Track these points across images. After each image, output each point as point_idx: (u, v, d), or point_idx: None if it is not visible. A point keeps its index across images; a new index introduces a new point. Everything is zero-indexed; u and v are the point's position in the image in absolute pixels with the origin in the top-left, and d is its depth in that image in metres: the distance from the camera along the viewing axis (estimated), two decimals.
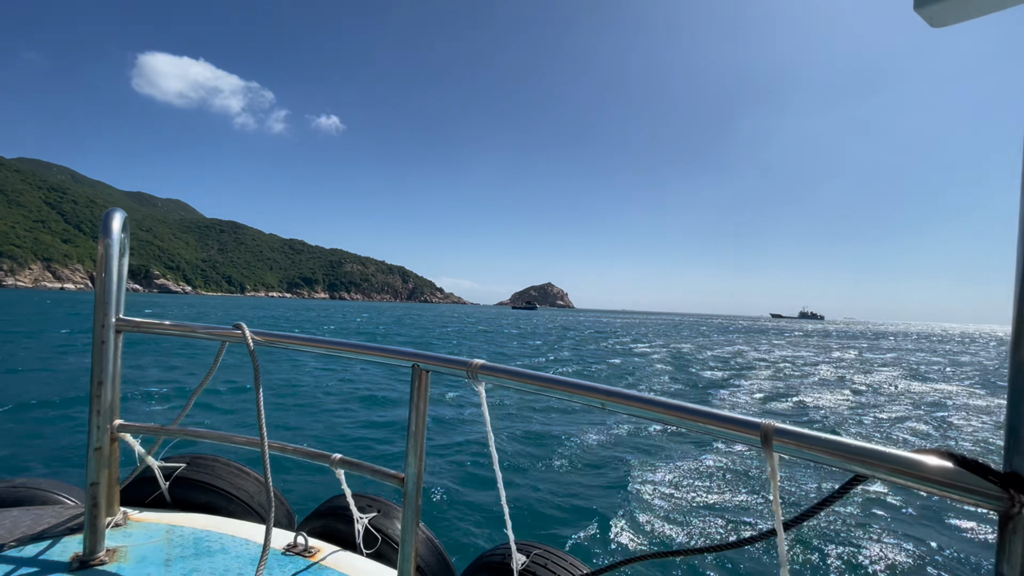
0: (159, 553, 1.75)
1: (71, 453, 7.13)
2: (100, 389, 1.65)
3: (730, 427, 0.96)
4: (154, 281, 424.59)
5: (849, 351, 39.13)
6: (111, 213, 1.71)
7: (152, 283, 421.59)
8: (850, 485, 0.87)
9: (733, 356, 30.00)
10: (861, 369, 25.35)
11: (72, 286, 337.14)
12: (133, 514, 2.00)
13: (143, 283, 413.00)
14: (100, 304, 1.66)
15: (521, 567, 1.82)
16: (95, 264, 1.61)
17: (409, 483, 1.49)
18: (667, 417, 1.07)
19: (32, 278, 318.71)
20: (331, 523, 2.19)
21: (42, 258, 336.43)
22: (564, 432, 9.52)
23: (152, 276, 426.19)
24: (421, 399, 1.49)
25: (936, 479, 0.72)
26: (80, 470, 2.71)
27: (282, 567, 1.74)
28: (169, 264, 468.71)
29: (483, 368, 1.36)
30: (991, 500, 0.68)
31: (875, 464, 0.78)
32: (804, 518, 0.92)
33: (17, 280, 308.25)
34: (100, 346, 1.65)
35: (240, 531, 1.97)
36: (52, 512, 1.98)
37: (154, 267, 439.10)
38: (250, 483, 2.33)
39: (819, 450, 0.84)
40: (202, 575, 1.64)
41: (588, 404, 1.20)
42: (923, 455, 0.74)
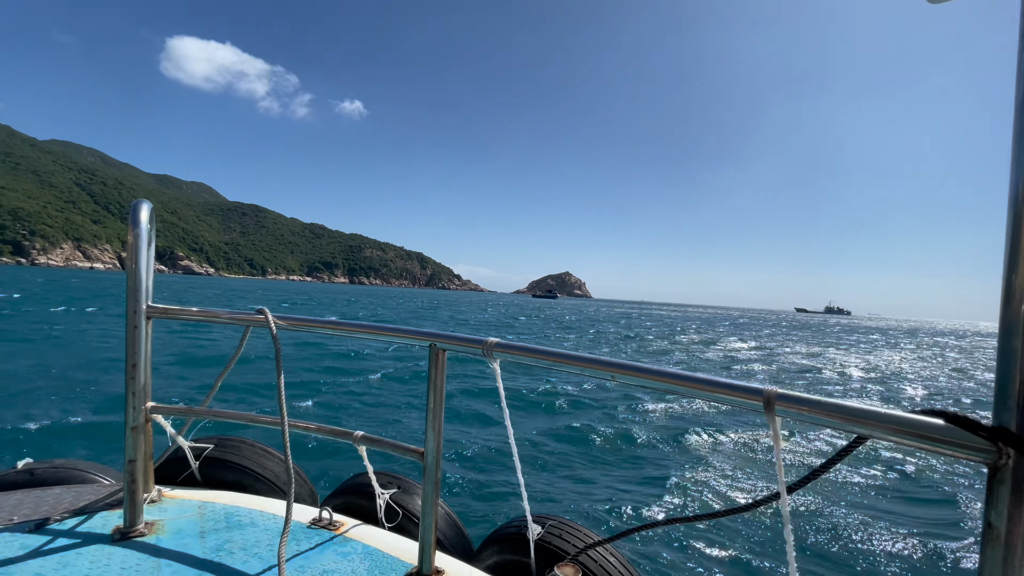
0: (194, 527, 1.85)
1: (102, 434, 7.21)
2: (134, 371, 1.76)
3: (734, 393, 0.99)
4: (178, 262, 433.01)
5: None
6: (139, 204, 1.78)
7: (177, 264, 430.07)
8: (852, 446, 0.90)
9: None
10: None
11: (101, 266, 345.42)
12: (167, 491, 2.12)
13: (168, 264, 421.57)
14: (131, 292, 1.76)
15: (537, 537, 1.87)
16: (124, 246, 1.58)
17: (428, 457, 1.55)
18: (674, 387, 1.10)
19: (63, 257, 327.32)
20: (353, 499, 2.28)
21: (73, 238, 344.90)
22: (577, 411, 9.75)
23: (177, 257, 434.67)
24: (439, 377, 1.54)
25: (931, 436, 0.76)
26: (110, 453, 2.82)
27: (308, 539, 1.83)
28: (193, 246, 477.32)
29: (497, 346, 1.41)
30: (980, 453, 0.72)
31: (875, 424, 0.81)
32: (807, 480, 0.95)
33: (49, 259, 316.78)
34: (133, 331, 1.75)
35: (268, 507, 2.07)
36: (91, 490, 2.11)
37: (178, 248, 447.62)
38: (275, 463, 2.43)
39: (821, 413, 0.87)
40: (235, 546, 1.75)
41: (598, 377, 1.24)
42: (919, 415, 0.78)
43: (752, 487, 6.30)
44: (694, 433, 8.55)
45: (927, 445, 0.77)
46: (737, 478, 6.56)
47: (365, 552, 1.76)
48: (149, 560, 1.63)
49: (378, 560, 1.72)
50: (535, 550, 1.86)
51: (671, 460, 7.23)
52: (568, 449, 7.53)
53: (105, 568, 1.57)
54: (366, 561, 1.70)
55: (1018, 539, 0.68)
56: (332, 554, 1.74)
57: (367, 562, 1.70)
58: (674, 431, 8.71)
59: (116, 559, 1.62)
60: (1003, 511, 0.70)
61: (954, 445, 0.74)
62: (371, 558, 1.73)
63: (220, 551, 1.71)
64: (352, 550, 1.77)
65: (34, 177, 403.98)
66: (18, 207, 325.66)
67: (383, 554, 1.76)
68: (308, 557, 1.70)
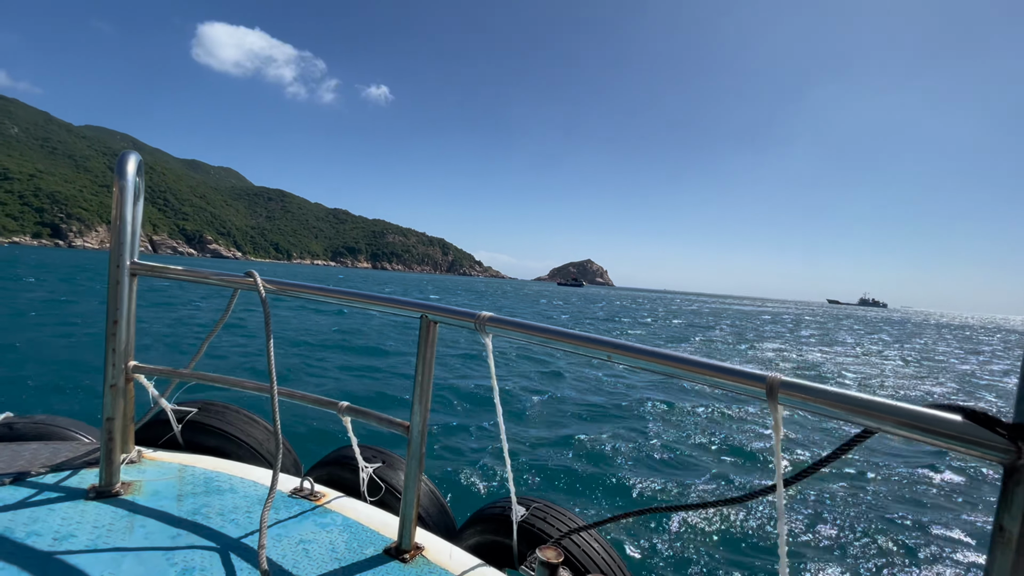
0: (172, 489, 1.82)
1: (89, 394, 7.35)
2: (115, 327, 1.72)
3: (736, 379, 0.95)
4: (207, 246, 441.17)
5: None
6: (126, 155, 1.73)
7: (205, 248, 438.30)
8: (857, 439, 0.84)
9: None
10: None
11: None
12: (147, 453, 2.08)
13: (197, 247, 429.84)
14: (115, 246, 1.72)
15: (520, 519, 1.86)
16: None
17: (414, 431, 1.52)
18: (673, 370, 1.05)
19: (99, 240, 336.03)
20: (336, 471, 2.25)
21: (107, 221, 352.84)
22: (568, 392, 9.74)
23: (205, 241, 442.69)
24: (428, 350, 1.51)
25: (944, 432, 0.72)
26: (95, 411, 2.53)
27: (288, 508, 1.80)
28: (221, 230, 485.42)
29: (491, 320, 1.38)
30: (997, 452, 0.68)
31: (884, 417, 0.77)
32: (806, 473, 0.91)
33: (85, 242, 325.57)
34: (115, 286, 1.72)
35: (249, 474, 2.04)
36: (69, 447, 2.07)
37: (207, 232, 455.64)
38: (259, 430, 2.40)
39: (825, 403, 0.83)
40: (212, 511, 1.71)
41: (594, 356, 1.19)
42: (932, 409, 0.74)
43: (748, 480, 6.21)
44: (692, 417, 8.42)
45: (940, 442, 0.73)
46: (733, 468, 6.47)
47: (345, 524, 1.74)
48: (123, 519, 1.61)
49: (357, 533, 1.69)
50: (518, 532, 1.84)
51: (666, 443, 7.15)
52: (559, 432, 7.35)
53: (77, 525, 1.55)
54: (345, 533, 1.68)
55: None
56: (311, 524, 1.71)
57: (346, 534, 1.68)
58: (671, 413, 8.61)
59: (89, 516, 1.60)
60: (1018, 514, 0.66)
61: (970, 443, 0.70)
62: (350, 530, 1.71)
63: (197, 514, 1.68)
64: (332, 521, 1.75)
65: (70, 161, 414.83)
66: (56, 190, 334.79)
67: (363, 527, 1.73)
68: (286, 526, 1.68)
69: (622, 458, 6.46)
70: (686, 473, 6.17)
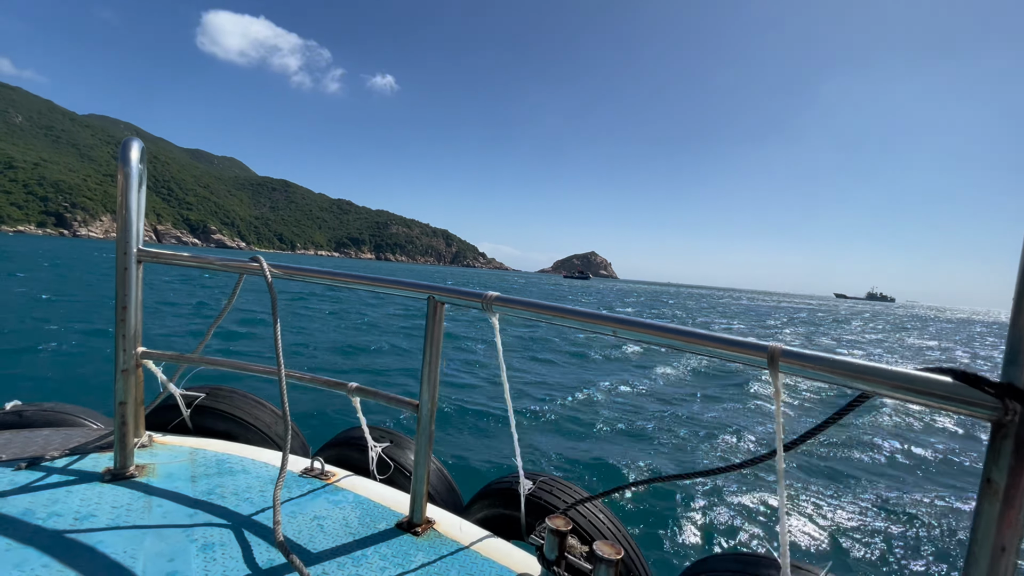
0: (185, 471, 1.87)
1: (95, 381, 7.45)
2: (125, 314, 1.75)
3: (738, 350, 0.98)
4: (211, 236, 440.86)
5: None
6: (129, 142, 1.72)
7: (210, 238, 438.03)
8: (854, 404, 0.88)
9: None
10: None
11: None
12: (157, 437, 2.14)
13: (201, 237, 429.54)
14: (121, 234, 1.73)
15: (528, 493, 1.90)
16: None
17: (423, 409, 1.56)
18: (677, 342, 1.08)
19: (103, 229, 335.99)
20: (345, 451, 2.30)
21: (111, 211, 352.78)
22: (573, 371, 9.95)
23: (210, 231, 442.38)
24: (436, 330, 1.53)
25: (936, 393, 0.76)
26: (102, 398, 2.65)
27: (300, 486, 1.85)
28: (225, 220, 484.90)
29: (497, 300, 1.40)
30: (986, 410, 0.72)
31: (878, 381, 0.81)
32: (806, 437, 0.95)
33: (90, 231, 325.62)
34: (123, 273, 1.74)
35: (259, 456, 2.08)
36: (80, 432, 2.11)
37: (211, 222, 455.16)
38: (267, 413, 2.44)
39: (825, 369, 0.86)
40: (226, 491, 1.76)
41: (599, 333, 1.22)
42: (924, 371, 0.78)
43: (748, 448, 6.36)
44: (695, 392, 8.67)
45: (932, 402, 0.77)
46: (735, 437, 6.66)
47: (356, 501, 1.78)
48: (140, 500, 1.64)
49: (369, 509, 1.73)
50: (525, 505, 1.89)
51: (669, 418, 7.26)
52: (565, 407, 7.48)
53: (96, 506, 1.58)
54: (357, 509, 1.72)
55: (1017, 494, 0.69)
56: (324, 502, 1.75)
57: (358, 510, 1.71)
58: (674, 391, 8.77)
59: (107, 498, 1.63)
60: (1004, 467, 0.70)
61: (959, 402, 0.74)
62: (362, 507, 1.74)
63: (212, 494, 1.72)
64: (343, 499, 1.78)
65: (74, 151, 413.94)
66: (60, 179, 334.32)
67: (374, 504, 1.77)
68: (299, 503, 1.72)
69: (625, 431, 6.57)
70: (689, 444, 6.31)
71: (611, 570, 1.15)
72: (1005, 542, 0.70)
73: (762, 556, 1.58)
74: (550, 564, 1.28)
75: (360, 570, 1.39)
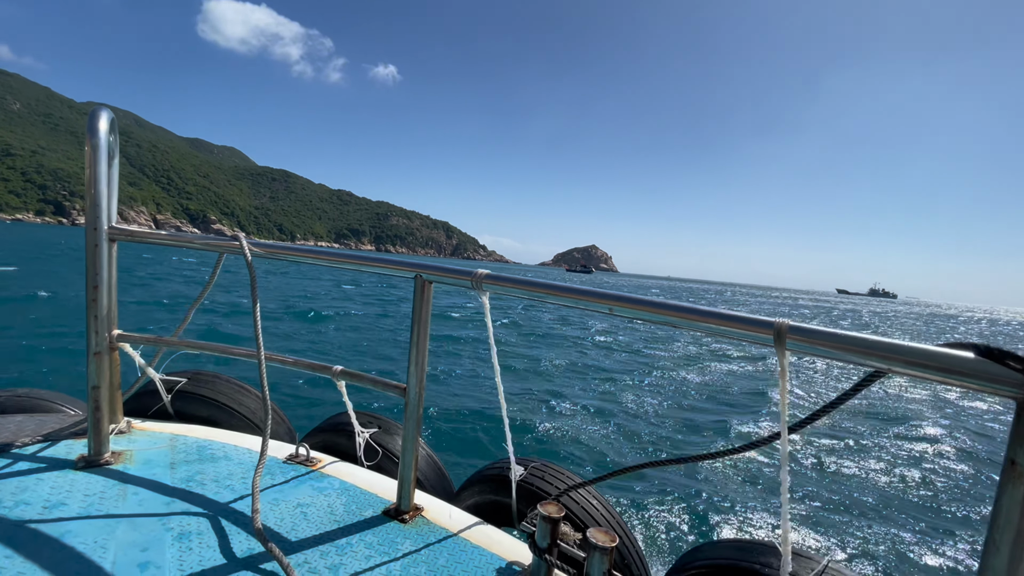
0: (164, 457, 1.81)
1: (73, 366, 7.28)
2: (96, 293, 1.66)
3: (743, 327, 0.92)
4: (211, 226, 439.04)
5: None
6: (97, 112, 1.63)
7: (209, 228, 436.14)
8: (866, 382, 0.83)
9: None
10: None
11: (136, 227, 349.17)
12: (137, 423, 2.06)
13: (201, 227, 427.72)
14: (90, 208, 1.63)
15: (519, 478, 1.86)
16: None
17: (411, 393, 1.52)
18: (678, 320, 1.01)
19: None
20: (332, 437, 2.25)
21: None
22: (564, 354, 9.81)
23: (209, 221, 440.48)
24: (424, 310, 1.49)
25: (958, 370, 0.71)
26: (81, 384, 2.45)
27: (284, 473, 1.80)
28: (224, 210, 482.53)
29: (487, 278, 1.36)
30: (1011, 388, 0.67)
31: (895, 358, 0.76)
32: (813, 418, 0.89)
33: None
34: (93, 250, 1.64)
35: (242, 441, 2.02)
36: (54, 419, 2.04)
37: (211, 212, 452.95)
38: (251, 399, 2.39)
39: (835, 346, 0.81)
40: (207, 477, 1.70)
41: (596, 310, 1.17)
42: (944, 347, 0.73)
43: (750, 430, 6.20)
44: (693, 375, 8.54)
45: (953, 379, 0.72)
46: (737, 421, 6.53)
47: (342, 487, 1.74)
48: (114, 487, 1.59)
49: (355, 496, 1.69)
50: (517, 492, 1.85)
51: (665, 402, 7.11)
52: (556, 388, 7.35)
53: (67, 494, 1.53)
54: (343, 496, 1.68)
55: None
56: (308, 488, 1.71)
57: (344, 497, 1.68)
58: (673, 371, 8.75)
59: (79, 486, 1.58)
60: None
61: (983, 379, 0.69)
62: (348, 494, 1.71)
63: (191, 481, 1.67)
64: (329, 485, 1.75)
65: (72, 138, 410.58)
66: (58, 167, 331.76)
67: (361, 490, 1.74)
68: (283, 490, 1.68)
69: (621, 414, 6.39)
70: (687, 427, 6.15)
71: (605, 557, 1.11)
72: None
73: (762, 542, 1.53)
74: (542, 552, 1.24)
75: (344, 558, 1.36)
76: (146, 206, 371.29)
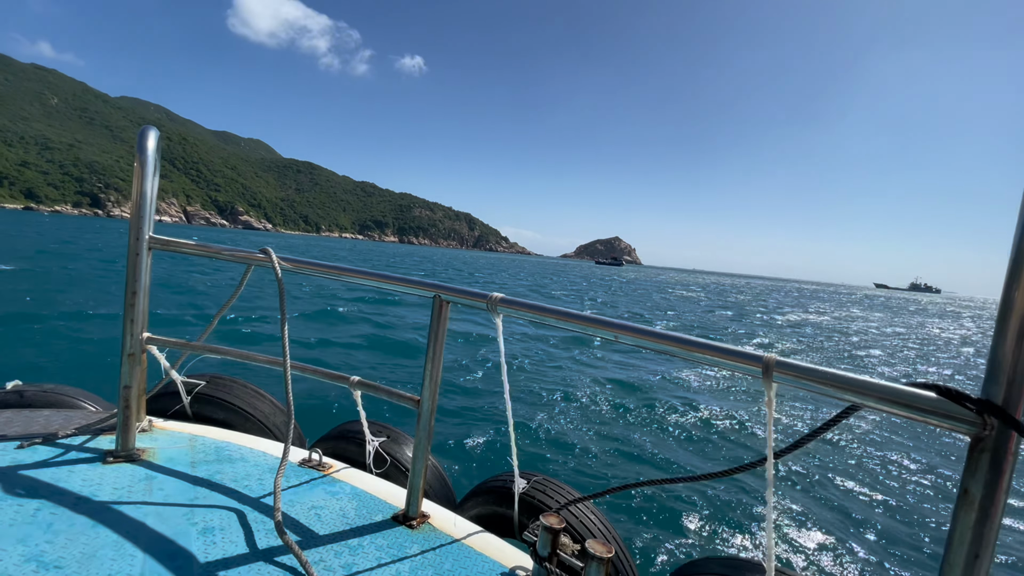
0: (185, 456, 1.90)
1: (96, 363, 7.49)
2: (134, 299, 1.76)
3: (734, 359, 1.01)
4: (239, 217, 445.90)
5: None
6: (146, 131, 1.74)
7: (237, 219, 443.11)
8: (843, 415, 0.92)
9: None
10: None
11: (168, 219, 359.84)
12: (158, 422, 2.16)
13: (229, 219, 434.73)
14: (135, 220, 1.73)
15: (521, 491, 1.93)
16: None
17: (424, 405, 1.58)
18: (674, 349, 1.11)
19: None
20: (342, 445, 2.31)
21: None
22: (567, 374, 10.05)
23: (237, 212, 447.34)
24: (440, 328, 1.55)
25: (921, 407, 0.81)
26: (101, 381, 2.57)
27: (299, 476, 1.87)
28: (252, 202, 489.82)
29: (502, 301, 1.42)
30: (966, 424, 0.77)
31: (868, 394, 0.86)
32: (796, 446, 0.98)
33: (123, 211, 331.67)
34: (135, 258, 1.74)
35: (258, 444, 2.11)
36: (80, 415, 2.14)
37: (238, 204, 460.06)
38: (266, 404, 2.45)
39: (817, 381, 0.91)
40: (225, 477, 1.78)
41: (602, 336, 1.25)
42: (910, 387, 0.83)
43: (738, 455, 6.53)
44: (689, 399, 8.79)
45: (917, 415, 0.82)
46: (725, 444, 6.87)
47: (353, 493, 1.80)
48: (141, 482, 1.66)
49: (366, 501, 1.75)
50: (519, 504, 1.91)
51: (661, 425, 7.47)
52: (560, 411, 7.66)
53: (97, 487, 1.60)
54: (354, 501, 1.74)
55: (992, 504, 0.74)
56: (321, 492, 1.78)
57: (355, 502, 1.73)
58: (669, 396, 8.94)
59: (108, 479, 1.65)
60: (981, 479, 0.75)
61: (942, 416, 0.79)
62: (359, 499, 1.76)
63: (212, 480, 1.74)
64: (340, 490, 1.81)
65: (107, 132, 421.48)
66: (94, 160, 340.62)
67: (371, 496, 1.79)
68: (298, 492, 1.74)
69: (620, 434, 6.72)
70: (680, 449, 6.49)
71: (602, 567, 1.17)
72: (979, 549, 0.75)
73: (748, 560, 1.60)
74: (542, 560, 1.30)
75: (356, 559, 1.42)
76: (177, 198, 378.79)
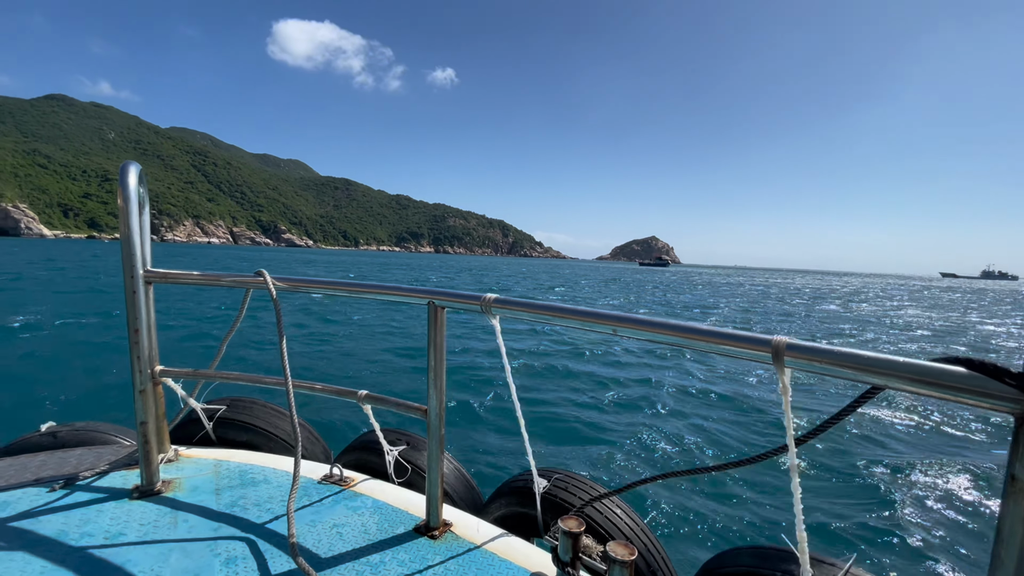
0: (209, 484, 1.93)
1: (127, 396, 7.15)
2: (137, 336, 1.78)
3: (741, 345, 0.95)
4: (282, 236, 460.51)
5: None
6: (126, 167, 1.72)
7: (280, 238, 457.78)
8: (864, 397, 0.85)
9: None
10: None
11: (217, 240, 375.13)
12: (183, 451, 2.20)
13: (272, 237, 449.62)
14: (127, 258, 1.73)
15: (543, 491, 1.92)
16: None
17: (432, 414, 1.58)
18: (679, 339, 1.06)
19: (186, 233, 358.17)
20: (363, 456, 2.33)
21: (192, 215, 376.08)
22: (578, 367, 9.93)
23: (280, 231, 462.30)
24: (438, 335, 1.54)
25: (953, 385, 0.71)
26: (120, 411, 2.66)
27: (319, 493, 1.89)
28: (293, 220, 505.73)
29: (496, 302, 1.41)
30: (1007, 403, 0.67)
31: (890, 374, 0.77)
32: (816, 432, 0.93)
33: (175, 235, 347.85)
34: (132, 296, 1.76)
35: (280, 464, 2.14)
36: (111, 450, 2.20)
37: (280, 223, 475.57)
38: (286, 422, 2.51)
39: (832, 363, 0.83)
40: (249, 502, 1.81)
41: (599, 332, 1.21)
42: (937, 362, 0.74)
43: (760, 442, 6.44)
44: (702, 388, 8.59)
45: (948, 395, 0.73)
46: (746, 433, 6.70)
47: (375, 506, 1.81)
48: (167, 516, 1.69)
49: (387, 514, 1.76)
50: (541, 503, 1.90)
51: (678, 415, 7.33)
52: (574, 405, 7.55)
53: (124, 524, 1.63)
54: (376, 515, 1.75)
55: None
56: (343, 508, 1.78)
57: (376, 516, 1.74)
58: (680, 386, 8.75)
59: (135, 515, 1.68)
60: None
61: (978, 394, 0.70)
62: (380, 512, 1.77)
63: (235, 506, 1.77)
64: (362, 504, 1.82)
65: (159, 161, 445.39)
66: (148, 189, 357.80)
67: (392, 508, 1.80)
68: (319, 511, 1.76)
69: (639, 427, 6.64)
70: (701, 438, 6.41)
71: (625, 571, 1.13)
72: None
73: (781, 549, 1.55)
74: (564, 565, 1.28)
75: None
76: (223, 220, 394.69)
